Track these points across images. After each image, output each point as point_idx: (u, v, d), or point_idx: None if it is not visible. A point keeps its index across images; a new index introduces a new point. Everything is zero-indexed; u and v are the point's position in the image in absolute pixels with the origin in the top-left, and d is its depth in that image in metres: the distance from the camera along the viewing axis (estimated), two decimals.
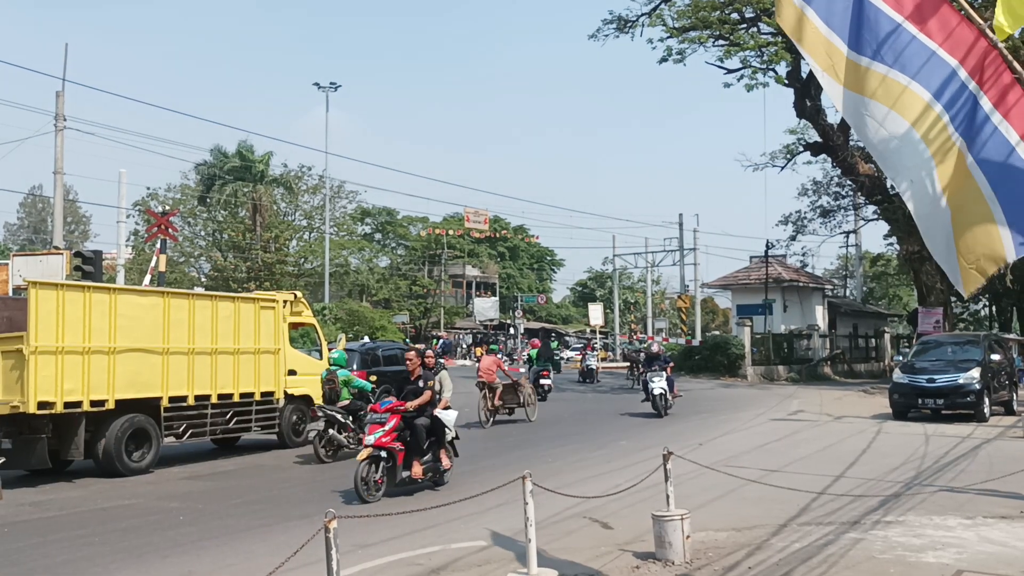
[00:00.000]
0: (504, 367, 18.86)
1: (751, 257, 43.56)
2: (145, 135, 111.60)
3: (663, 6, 30.26)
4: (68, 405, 11.48)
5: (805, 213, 39.61)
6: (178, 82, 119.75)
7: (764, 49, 28.34)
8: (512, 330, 60.43)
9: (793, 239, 39.64)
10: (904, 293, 65.87)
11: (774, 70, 29.64)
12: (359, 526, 7.72)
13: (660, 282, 73.59)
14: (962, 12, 5.22)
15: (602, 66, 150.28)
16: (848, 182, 36.35)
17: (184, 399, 13.05)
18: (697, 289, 50.13)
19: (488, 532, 8.09)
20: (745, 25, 29.62)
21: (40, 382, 11.16)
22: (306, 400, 15.36)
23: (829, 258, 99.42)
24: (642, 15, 30.73)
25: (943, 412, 18.65)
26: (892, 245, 41.64)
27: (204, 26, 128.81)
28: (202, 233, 50.45)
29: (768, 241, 39.06)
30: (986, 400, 18.34)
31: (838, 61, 5.40)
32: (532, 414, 18.97)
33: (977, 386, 18.19)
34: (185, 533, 8.62)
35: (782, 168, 36.38)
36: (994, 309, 44.88)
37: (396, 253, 68.16)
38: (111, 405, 11.98)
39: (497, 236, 67.83)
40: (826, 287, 44.79)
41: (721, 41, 29.43)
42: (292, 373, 15.22)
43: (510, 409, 18.72)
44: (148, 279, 25.64)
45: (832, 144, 32.34)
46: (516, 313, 60.27)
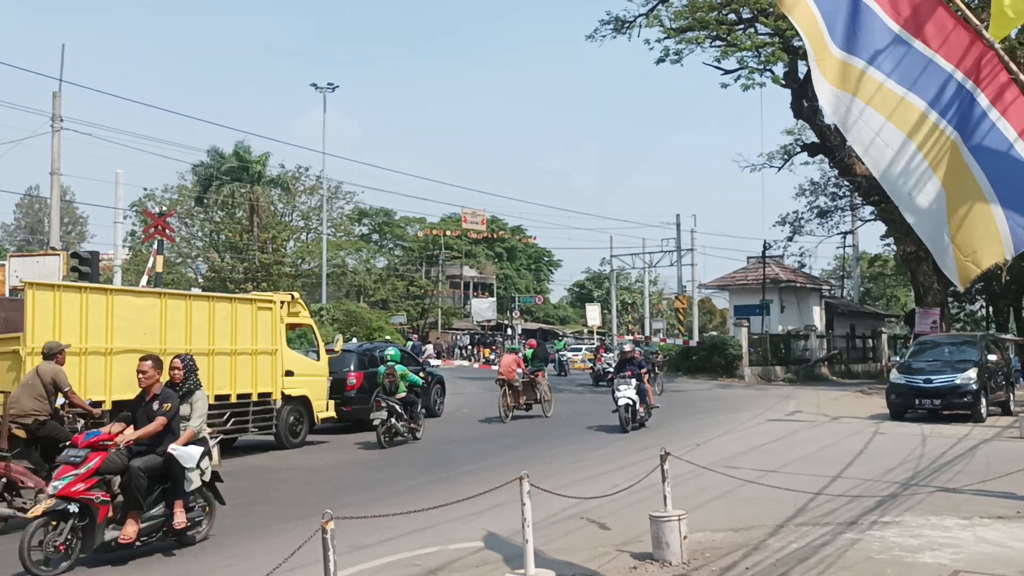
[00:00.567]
0: (523, 366, 19.59)
1: (748, 258, 43.61)
2: (142, 136, 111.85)
3: (660, 7, 30.32)
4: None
5: (802, 214, 39.74)
6: (175, 83, 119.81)
7: (761, 50, 28.41)
8: (510, 331, 60.40)
9: (790, 240, 39.76)
10: (901, 293, 66.02)
11: (771, 71, 29.72)
12: (356, 527, 7.72)
13: (658, 283, 73.69)
14: (959, 13, 5.22)
15: (600, 67, 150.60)
16: (845, 183, 36.42)
17: None
18: (694, 290, 50.15)
19: (486, 533, 8.09)
20: (742, 26, 29.68)
21: None
22: (303, 401, 15.34)
23: (826, 259, 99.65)
24: (639, 16, 30.81)
25: (940, 412, 18.68)
26: (889, 246, 41.77)
27: (202, 27, 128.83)
28: (199, 234, 50.48)
29: (765, 242, 39.16)
30: (983, 400, 18.37)
31: (827, 56, 5.38)
32: (548, 410, 19.93)
33: (974, 386, 18.22)
34: None
35: (779, 169, 36.49)
36: (991, 310, 44.98)
37: (393, 254, 68.17)
38: (108, 406, 11.94)
39: (495, 237, 67.84)
40: (823, 288, 44.85)
41: (718, 42, 29.49)
42: (289, 374, 15.20)
43: (528, 405, 19.61)
44: (145, 280, 25.64)
45: (829, 145, 32.39)
46: (514, 314, 60.27)
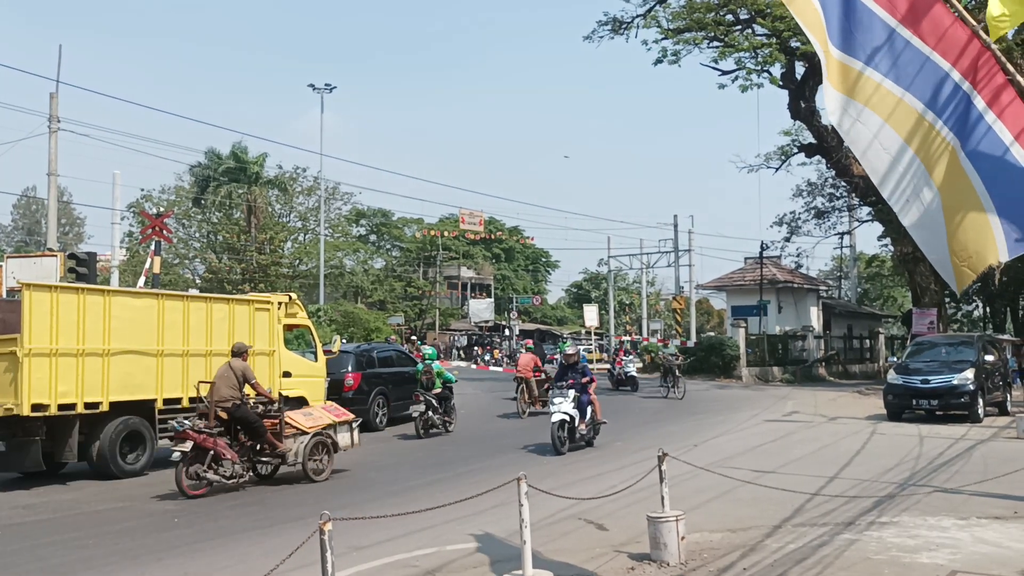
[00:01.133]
0: (541, 364, 20.51)
1: (746, 258, 43.60)
2: (139, 137, 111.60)
3: (658, 8, 30.35)
4: (62, 407, 11.44)
5: (800, 214, 39.70)
6: (172, 84, 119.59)
7: (759, 51, 28.44)
8: (507, 331, 60.40)
9: (788, 240, 39.71)
10: (898, 294, 66.03)
11: (768, 71, 29.77)
12: (354, 528, 7.71)
13: (655, 283, 73.61)
14: (955, 13, 5.21)
15: (598, 67, 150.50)
16: (842, 183, 36.45)
17: (179, 401, 13.01)
18: (692, 290, 50.18)
19: (483, 534, 8.09)
20: (740, 27, 29.72)
21: (34, 384, 11.13)
22: (301, 402, 15.32)
23: (824, 259, 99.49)
24: (637, 16, 30.84)
25: (937, 413, 18.70)
26: (886, 246, 41.76)
27: (199, 28, 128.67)
28: (196, 235, 50.42)
29: (763, 242, 39.15)
30: (980, 401, 18.39)
31: (828, 55, 5.37)
32: None
33: (971, 387, 18.23)
34: (180, 535, 8.60)
35: (776, 169, 36.50)
36: (988, 310, 45.01)
37: (391, 255, 68.11)
38: (105, 407, 11.95)
39: (492, 237, 67.71)
40: (821, 288, 44.87)
41: (716, 43, 29.53)
42: (287, 375, 15.18)
43: (544, 402, 19.85)
44: (142, 281, 25.61)
45: (826, 145, 32.42)
46: (511, 315, 60.27)
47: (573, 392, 13.96)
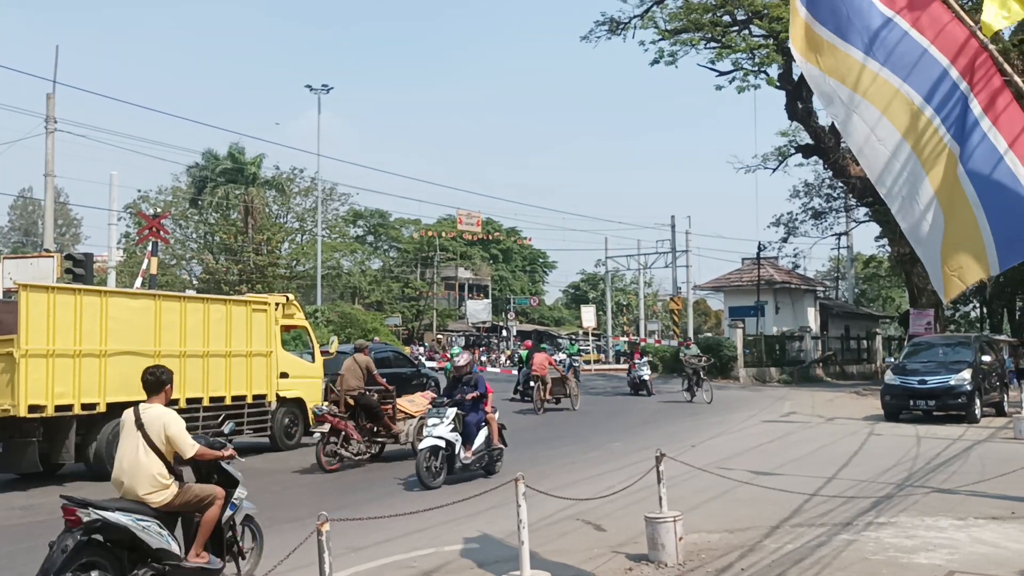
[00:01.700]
0: (555, 363, 21.66)
1: (743, 259, 43.61)
2: (136, 137, 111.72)
3: (655, 8, 30.35)
4: (59, 408, 11.41)
5: (797, 215, 39.74)
6: (169, 84, 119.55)
7: (756, 51, 28.45)
8: (505, 332, 60.42)
9: (785, 241, 39.75)
10: (896, 295, 66.12)
11: (765, 72, 29.76)
12: (351, 529, 7.70)
13: (652, 284, 73.77)
14: (952, 12, 5.20)
15: (595, 68, 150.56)
16: (839, 184, 36.48)
17: (175, 402, 12.95)
18: (689, 291, 50.26)
19: (481, 534, 8.09)
20: (737, 27, 29.73)
21: (30, 385, 11.09)
22: (298, 403, 15.31)
23: (821, 260, 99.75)
24: (634, 17, 30.84)
25: (934, 413, 18.72)
26: (884, 247, 41.81)
27: (196, 28, 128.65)
28: (193, 236, 50.30)
29: (760, 243, 39.17)
30: (977, 401, 18.41)
31: (817, 42, 5.32)
32: (576, 404, 22.03)
33: (968, 387, 18.26)
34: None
35: (774, 170, 36.49)
36: (985, 311, 45.07)
37: (388, 255, 68.11)
38: (102, 408, 11.92)
39: (490, 238, 67.73)
40: (818, 289, 44.89)
41: (713, 43, 29.53)
42: (284, 376, 15.16)
43: (557, 399, 21.77)
44: (139, 282, 25.58)
45: (824, 146, 32.44)
46: (509, 315, 60.28)
47: (453, 411, 11.04)
